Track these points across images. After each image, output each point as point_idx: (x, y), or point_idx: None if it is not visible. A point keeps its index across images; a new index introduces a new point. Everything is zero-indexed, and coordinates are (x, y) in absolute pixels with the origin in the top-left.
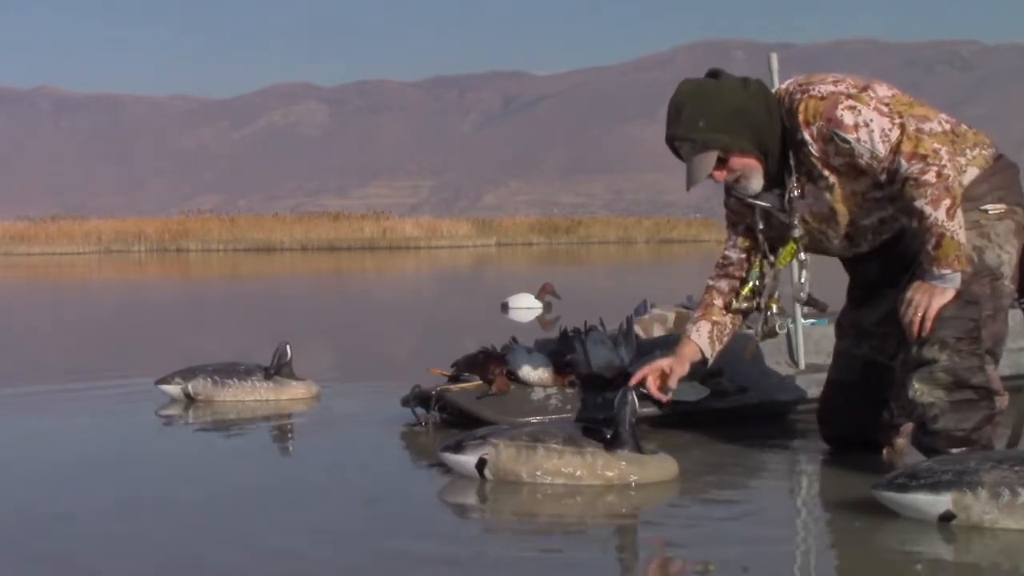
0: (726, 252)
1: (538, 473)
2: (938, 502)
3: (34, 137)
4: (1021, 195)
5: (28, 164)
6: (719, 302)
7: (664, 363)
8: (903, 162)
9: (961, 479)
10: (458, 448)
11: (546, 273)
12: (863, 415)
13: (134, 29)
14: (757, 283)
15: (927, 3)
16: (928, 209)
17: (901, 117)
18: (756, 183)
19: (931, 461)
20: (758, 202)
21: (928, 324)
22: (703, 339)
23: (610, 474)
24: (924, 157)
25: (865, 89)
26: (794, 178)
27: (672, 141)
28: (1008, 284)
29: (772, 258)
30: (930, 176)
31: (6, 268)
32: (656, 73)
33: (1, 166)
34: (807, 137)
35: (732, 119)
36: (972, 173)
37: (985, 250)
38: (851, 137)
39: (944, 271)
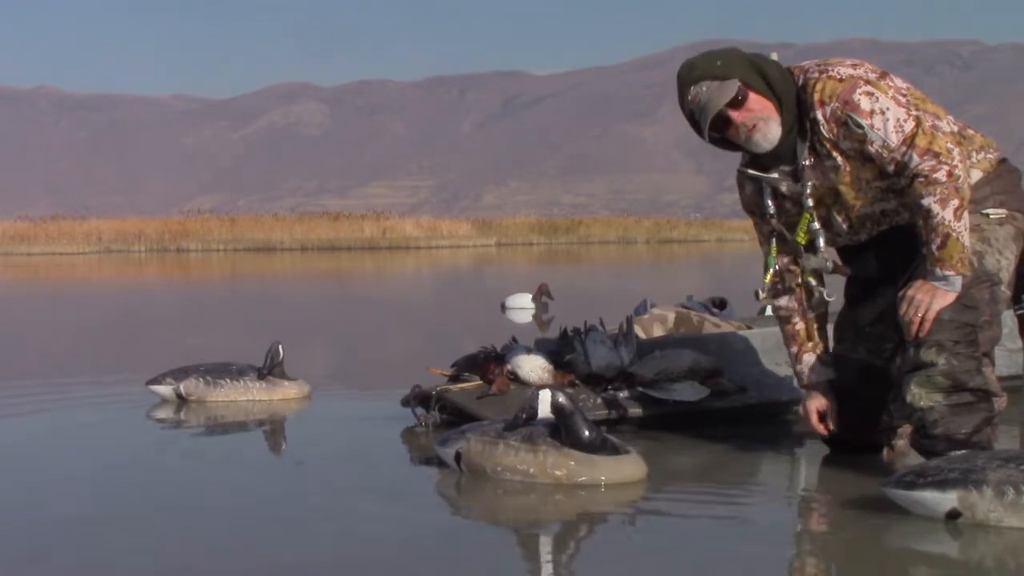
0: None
1: (498, 468)
2: (944, 500)
3: (34, 137)
4: (1022, 200)
5: (28, 164)
6: (801, 327)
7: (816, 406)
8: (915, 156)
9: (967, 477)
10: (444, 441)
11: (546, 273)
12: (862, 418)
13: (134, 29)
14: (776, 267)
15: (927, 3)
16: (936, 208)
17: (917, 110)
18: (774, 130)
19: (940, 459)
20: (768, 175)
21: (927, 325)
22: (821, 372)
23: (559, 473)
24: (937, 155)
25: (884, 76)
26: (806, 145)
27: (692, 84)
28: (1005, 290)
29: (791, 236)
30: (941, 175)
31: (6, 268)
32: (656, 73)
33: (1, 166)
34: (819, 117)
35: (749, 64)
36: (976, 176)
37: (985, 255)
38: (865, 123)
39: (947, 272)
